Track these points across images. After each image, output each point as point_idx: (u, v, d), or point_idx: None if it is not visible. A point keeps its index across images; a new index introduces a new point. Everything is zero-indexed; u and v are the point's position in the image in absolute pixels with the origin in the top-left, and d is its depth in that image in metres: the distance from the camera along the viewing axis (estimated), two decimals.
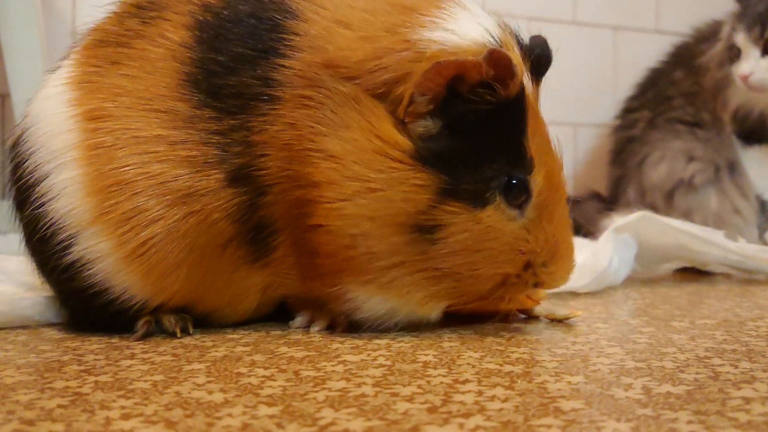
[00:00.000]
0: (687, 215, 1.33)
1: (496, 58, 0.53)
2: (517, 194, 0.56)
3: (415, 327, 0.60)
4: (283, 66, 0.55)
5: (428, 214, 0.54)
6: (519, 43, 0.60)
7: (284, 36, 0.56)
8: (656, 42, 1.64)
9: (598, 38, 1.69)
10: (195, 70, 0.57)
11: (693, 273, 1.05)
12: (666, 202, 1.38)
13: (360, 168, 0.53)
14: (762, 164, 1.33)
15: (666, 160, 1.40)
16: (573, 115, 1.65)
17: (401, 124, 0.54)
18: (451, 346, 0.55)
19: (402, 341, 0.57)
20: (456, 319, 0.64)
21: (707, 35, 1.47)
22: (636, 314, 0.71)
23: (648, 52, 1.56)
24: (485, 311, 0.65)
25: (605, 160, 1.56)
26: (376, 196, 0.53)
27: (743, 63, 1.25)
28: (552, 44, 0.62)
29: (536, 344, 0.56)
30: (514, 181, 0.56)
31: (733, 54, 1.30)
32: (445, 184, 0.54)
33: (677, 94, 1.45)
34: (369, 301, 0.57)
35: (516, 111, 0.56)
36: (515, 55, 0.56)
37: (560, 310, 0.67)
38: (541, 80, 0.61)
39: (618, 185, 1.48)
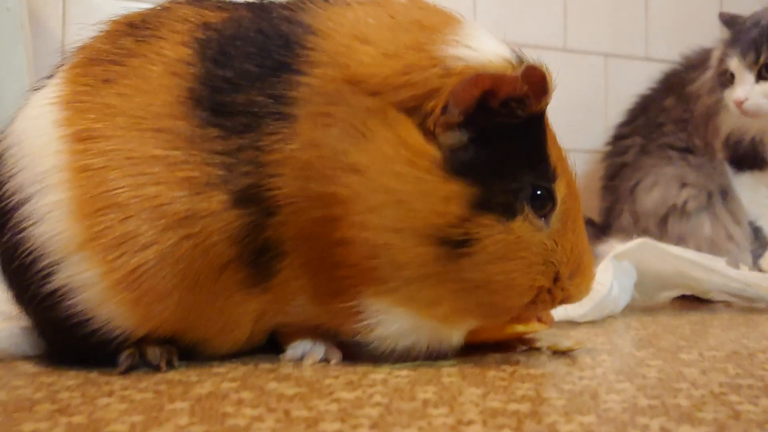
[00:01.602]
0: (680, 241, 1.32)
1: (532, 74, 0.53)
2: (543, 203, 0.56)
3: (414, 358, 0.57)
4: (299, 83, 0.54)
5: (460, 227, 0.53)
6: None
7: (299, 52, 0.55)
8: (646, 69, 1.66)
9: (589, 65, 1.70)
10: (198, 86, 0.55)
11: (692, 301, 1.03)
12: (659, 228, 1.37)
13: (386, 179, 0.52)
14: (754, 190, 1.33)
15: (659, 186, 1.40)
16: (564, 141, 1.60)
17: (430, 136, 0.53)
18: (451, 382, 0.52)
19: (399, 376, 0.54)
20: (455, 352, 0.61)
21: (696, 63, 1.48)
22: (641, 345, 0.68)
23: (638, 79, 1.57)
24: (486, 341, 0.62)
25: (597, 186, 1.56)
26: (402, 207, 0.52)
27: (738, 88, 1.25)
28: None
29: (541, 379, 0.53)
30: (539, 191, 0.56)
31: (726, 79, 1.30)
32: (477, 196, 0.53)
33: (668, 120, 1.46)
34: (389, 314, 0.55)
35: (540, 123, 0.56)
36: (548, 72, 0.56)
37: (563, 342, 0.64)
38: None
39: (611, 211, 1.48)
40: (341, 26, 0.56)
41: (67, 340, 0.57)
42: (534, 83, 0.53)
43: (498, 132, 0.54)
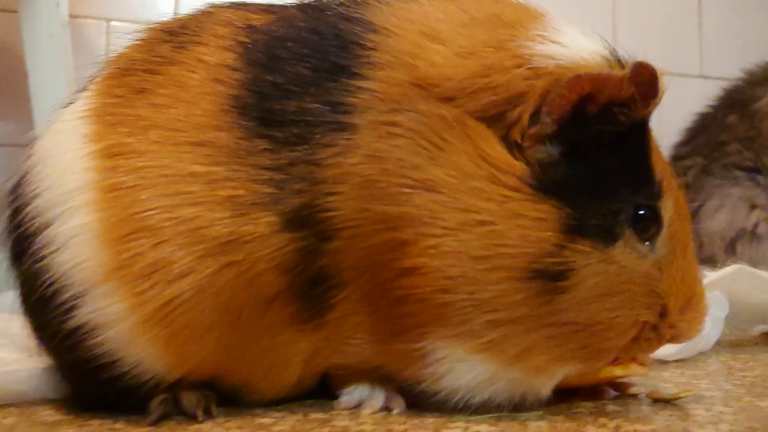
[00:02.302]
0: (752, 267, 1.24)
1: (641, 73, 0.45)
2: (648, 225, 0.48)
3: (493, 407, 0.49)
4: (359, 88, 0.47)
5: (555, 256, 0.45)
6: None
7: (359, 53, 0.48)
8: (701, 87, 1.60)
9: None
10: (244, 93, 0.49)
11: None
12: (727, 253, 1.29)
13: (465, 197, 0.45)
14: None
15: (725, 209, 1.33)
16: None
17: (515, 149, 0.46)
18: None
19: (479, 428, 0.45)
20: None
21: (762, 78, 1.43)
22: (758, 393, 0.58)
23: (693, 98, 1.51)
24: (573, 386, 0.53)
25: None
26: (484, 230, 0.44)
27: None
28: None
29: None
30: (642, 211, 0.47)
31: None
32: (572, 219, 0.45)
33: (732, 138, 1.42)
34: (463, 362, 0.47)
35: (643, 132, 0.48)
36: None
37: (666, 388, 0.55)
38: None
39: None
40: (408, 22, 0.49)
41: (91, 384, 0.50)
42: (642, 84, 0.46)
43: (595, 143, 0.46)
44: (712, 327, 0.77)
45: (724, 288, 0.80)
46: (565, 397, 0.53)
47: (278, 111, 0.48)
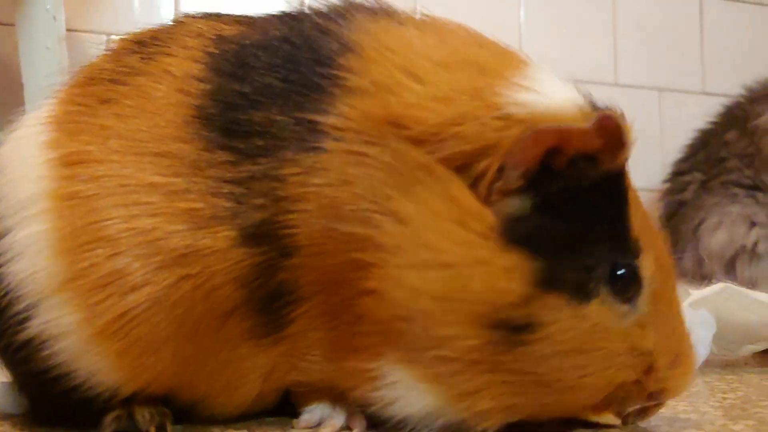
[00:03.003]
0: (751, 285, 1.21)
1: (607, 125, 0.43)
2: (626, 285, 0.45)
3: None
4: (331, 110, 0.45)
5: (520, 309, 0.43)
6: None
7: (334, 72, 0.46)
8: (703, 103, 1.59)
9: (642, 100, 1.65)
10: (208, 103, 0.47)
11: None
12: (726, 271, 1.29)
13: (434, 236, 0.43)
14: None
15: (725, 226, 1.33)
16: None
17: (486, 201, 0.44)
18: None
19: None
20: None
21: (761, 95, 1.42)
22: (735, 416, 0.56)
23: (695, 114, 1.51)
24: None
25: (655, 225, 1.47)
26: (449, 272, 0.43)
27: None
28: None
29: None
30: (622, 270, 0.45)
31: None
32: (542, 272, 0.43)
33: (731, 155, 1.42)
34: (412, 390, 0.45)
35: (618, 184, 0.46)
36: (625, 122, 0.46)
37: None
38: None
39: (671, 253, 1.38)
40: (389, 51, 0.47)
41: (47, 397, 0.49)
42: (609, 136, 0.43)
43: (567, 196, 0.44)
44: (698, 347, 0.75)
45: (710, 307, 0.79)
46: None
47: (243, 121, 0.47)
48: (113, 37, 1.42)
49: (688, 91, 1.68)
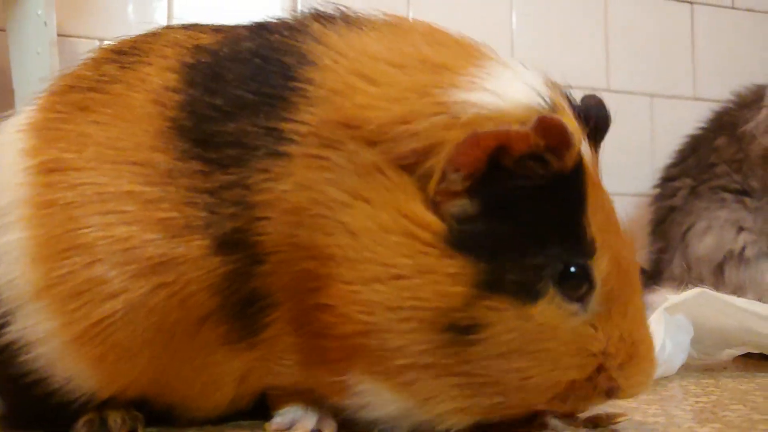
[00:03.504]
0: (739, 290, 1.24)
1: (546, 126, 0.44)
2: (577, 284, 0.46)
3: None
4: (293, 119, 0.47)
5: (464, 311, 0.44)
6: (571, 103, 0.50)
7: (296, 84, 0.48)
8: (694, 109, 1.60)
9: (633, 106, 1.65)
10: (182, 114, 0.49)
11: (759, 360, 0.91)
12: (715, 276, 1.29)
13: (383, 250, 0.44)
14: None
15: (713, 231, 1.32)
16: (609, 184, 1.58)
17: (433, 202, 0.45)
18: None
19: None
20: None
21: (750, 101, 1.42)
22: (703, 419, 0.57)
23: (686, 120, 1.51)
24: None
25: (645, 231, 1.48)
26: (399, 284, 0.44)
27: None
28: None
29: None
30: (572, 269, 0.46)
31: None
32: (486, 275, 0.44)
33: (720, 161, 1.40)
34: (379, 397, 0.47)
35: (573, 184, 0.46)
36: (570, 120, 0.47)
37: (603, 411, 0.54)
38: (599, 145, 0.52)
39: (661, 258, 1.41)
40: (343, 58, 0.49)
41: (24, 401, 0.50)
42: (552, 137, 0.44)
43: (517, 196, 0.45)
44: (675, 351, 0.76)
45: (687, 311, 0.79)
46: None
47: (216, 133, 0.48)
48: (106, 42, 1.43)
49: (679, 97, 1.68)
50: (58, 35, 1.16)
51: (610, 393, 0.48)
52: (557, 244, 0.45)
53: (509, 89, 0.47)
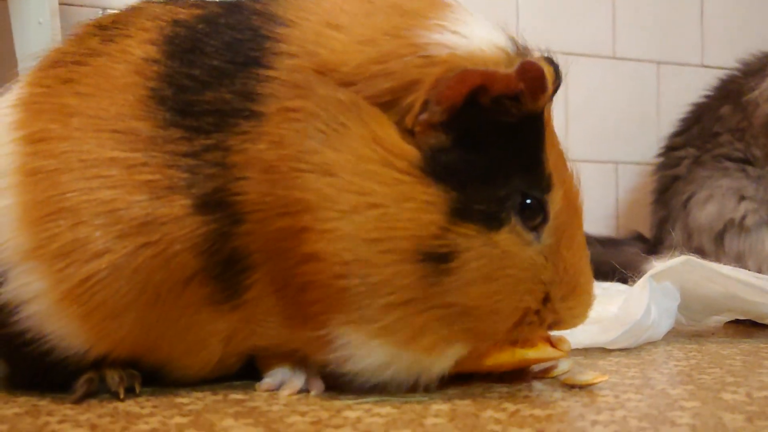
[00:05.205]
0: (739, 259, 1.24)
1: (528, 71, 0.47)
2: (533, 215, 0.50)
3: (403, 388, 0.50)
4: (266, 77, 0.49)
5: (441, 239, 0.47)
6: (527, 53, 0.52)
7: (267, 45, 0.50)
8: (702, 77, 1.58)
9: (639, 73, 1.63)
10: (162, 85, 0.51)
11: (748, 326, 0.92)
12: (715, 244, 1.29)
13: (359, 179, 0.46)
14: None
15: (714, 200, 1.32)
16: (614, 152, 1.61)
17: (408, 134, 0.48)
18: (435, 425, 0.44)
19: (377, 414, 0.47)
20: (458, 379, 0.54)
21: (756, 68, 1.39)
22: (678, 381, 0.58)
23: (693, 88, 1.49)
24: (494, 369, 0.55)
25: (648, 199, 1.48)
26: (377, 213, 0.46)
27: None
28: (592, 80, 0.56)
29: (545, 423, 0.45)
30: (529, 201, 0.49)
31: None
32: (457, 203, 0.47)
33: (724, 129, 1.39)
34: (364, 347, 0.49)
35: (537, 124, 0.50)
36: (547, 67, 0.50)
37: (581, 374, 0.55)
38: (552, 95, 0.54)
39: (662, 226, 1.41)
40: (313, 14, 0.51)
41: (21, 361, 0.52)
42: (531, 80, 0.47)
43: (488, 132, 0.48)
44: (661, 317, 0.77)
45: (674, 278, 0.80)
46: (488, 379, 0.55)
47: (195, 102, 0.50)
48: (108, 10, 1.43)
49: (686, 64, 1.67)
50: (60, 4, 1.16)
51: (554, 325, 0.52)
52: (520, 178, 0.49)
53: (478, 33, 0.50)
